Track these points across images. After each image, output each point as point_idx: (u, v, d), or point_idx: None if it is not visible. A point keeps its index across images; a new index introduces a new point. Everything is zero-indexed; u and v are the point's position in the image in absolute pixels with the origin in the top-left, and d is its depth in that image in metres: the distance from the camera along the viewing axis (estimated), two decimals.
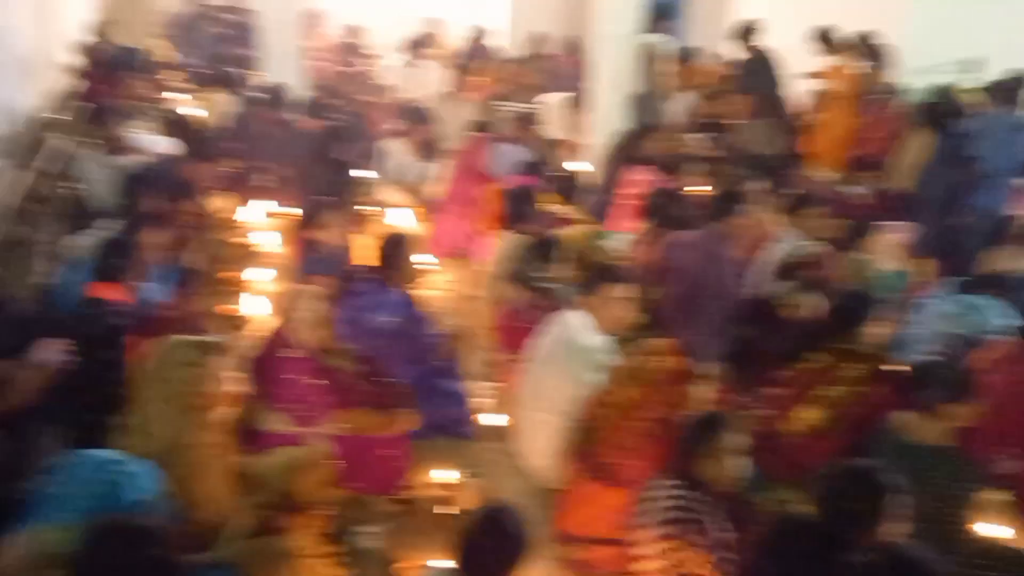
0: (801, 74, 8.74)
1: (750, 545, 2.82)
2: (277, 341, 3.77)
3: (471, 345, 4.78)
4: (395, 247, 4.54)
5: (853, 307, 4.23)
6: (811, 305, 4.72)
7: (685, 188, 6.41)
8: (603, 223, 6.75)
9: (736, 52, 8.25)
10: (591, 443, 3.55)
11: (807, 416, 4.04)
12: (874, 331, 4.16)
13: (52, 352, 3.35)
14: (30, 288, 4.73)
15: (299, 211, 5.69)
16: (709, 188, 7.27)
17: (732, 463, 3.06)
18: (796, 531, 2.70)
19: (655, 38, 7.76)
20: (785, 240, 5.42)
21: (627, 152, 7.03)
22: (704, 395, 3.53)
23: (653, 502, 3.03)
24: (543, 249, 4.64)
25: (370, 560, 3.55)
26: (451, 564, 3.05)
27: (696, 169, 6.72)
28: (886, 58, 8.03)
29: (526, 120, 7.84)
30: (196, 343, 3.20)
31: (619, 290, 3.98)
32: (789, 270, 4.95)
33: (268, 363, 3.74)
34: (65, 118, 7.37)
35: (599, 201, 7.14)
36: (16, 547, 2.54)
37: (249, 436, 3.76)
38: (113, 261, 3.97)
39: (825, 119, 8.36)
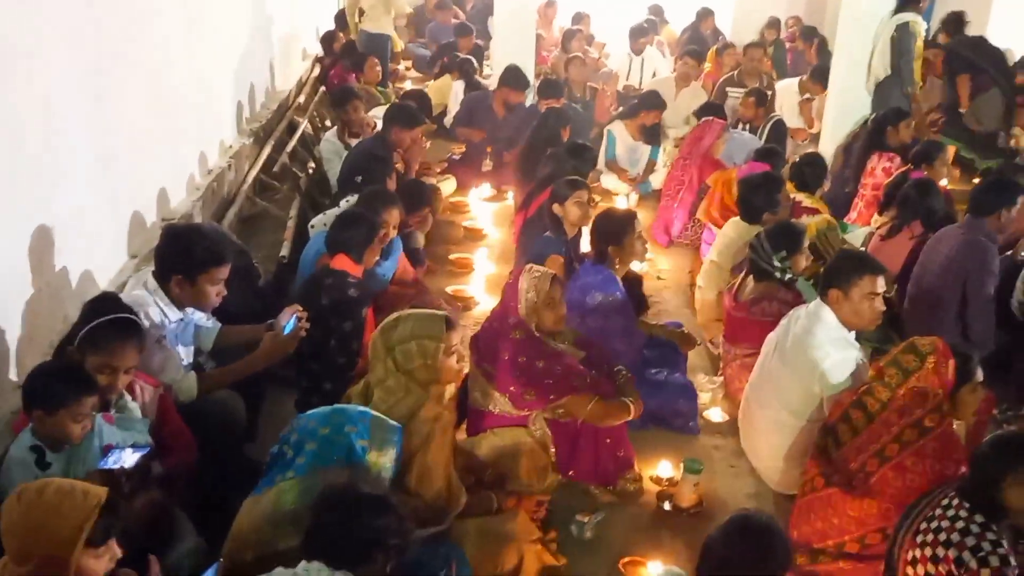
0: None
1: None
2: (503, 321, 3.71)
3: (689, 347, 4.56)
4: (613, 227, 4.38)
5: None
6: None
7: (939, 180, 5.87)
8: (842, 214, 6.32)
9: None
10: (838, 447, 3.25)
11: None
12: None
13: (292, 320, 3.46)
14: (271, 260, 4.97)
15: (527, 192, 5.66)
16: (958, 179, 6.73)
17: None
18: None
19: (910, 17, 7.11)
20: None
21: (873, 140, 6.52)
22: (972, 403, 3.14)
23: (939, 523, 2.68)
24: (783, 237, 4.31)
25: (586, 550, 3.43)
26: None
27: (947, 160, 6.13)
28: None
29: (759, 105, 7.47)
30: (435, 316, 3.21)
31: (867, 284, 3.63)
32: None
33: (493, 343, 3.69)
34: (310, 101, 7.79)
35: (838, 191, 6.69)
36: (254, 505, 2.63)
37: (471, 416, 3.77)
38: (351, 235, 4.07)
39: None
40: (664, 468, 3.82)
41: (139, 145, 4.20)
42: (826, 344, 3.58)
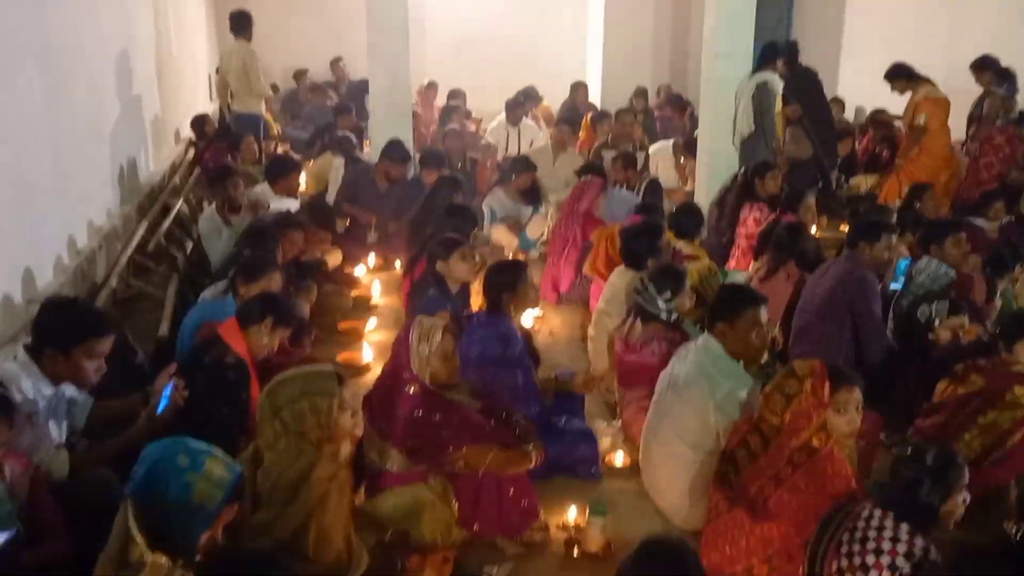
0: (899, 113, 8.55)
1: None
2: (396, 376, 3.63)
3: (592, 385, 4.56)
4: (506, 276, 4.38)
5: (1014, 326, 3.89)
6: (956, 328, 4.44)
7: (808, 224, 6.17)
8: (721, 263, 6.53)
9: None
10: (738, 473, 3.28)
11: (968, 443, 3.70)
12: None
13: (167, 392, 3.31)
14: (149, 341, 4.76)
15: (411, 257, 5.65)
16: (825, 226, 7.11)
17: (963, 501, 2.77)
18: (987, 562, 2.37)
19: (767, 77, 7.54)
20: (924, 267, 5.09)
21: (744, 192, 6.80)
22: (840, 425, 3.22)
23: (863, 533, 2.75)
24: (666, 279, 4.41)
25: None
26: None
27: (810, 206, 6.45)
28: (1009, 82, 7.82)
29: (627, 167, 7.72)
30: (325, 372, 3.11)
31: (752, 314, 3.73)
32: (933, 295, 4.67)
33: (387, 400, 3.60)
34: (184, 184, 7.63)
35: (715, 243, 6.92)
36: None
37: (369, 477, 3.64)
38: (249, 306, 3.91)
39: (924, 152, 8.02)
40: (570, 514, 3.76)
41: None
42: (716, 375, 3.65)
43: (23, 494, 2.77)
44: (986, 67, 7.96)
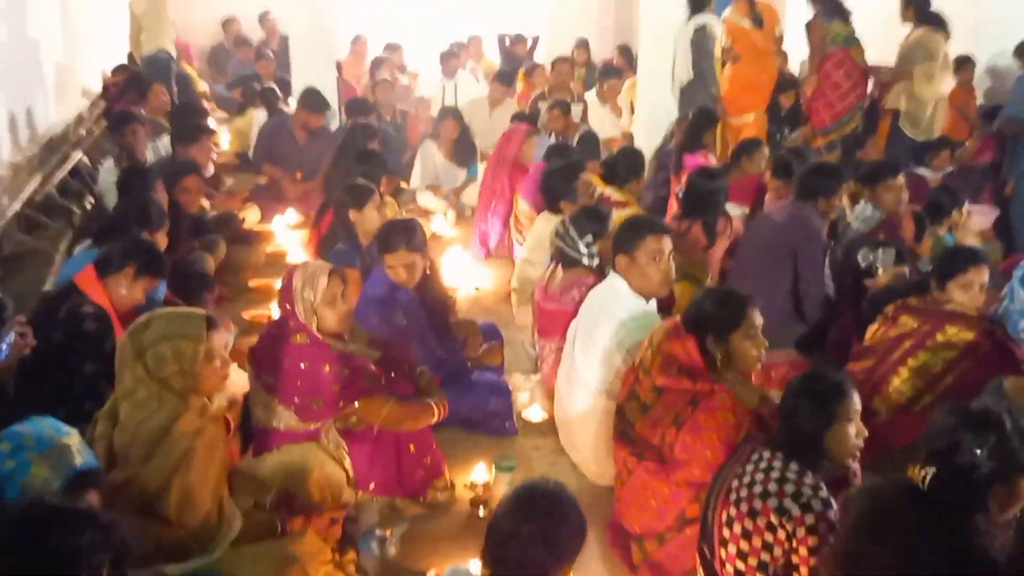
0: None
1: (845, 526, 2.24)
2: (282, 326, 3.31)
3: (516, 339, 4.28)
4: (388, 232, 4.04)
5: (949, 263, 3.62)
6: (893, 272, 4.23)
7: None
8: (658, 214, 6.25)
9: None
10: (631, 426, 3.04)
11: (898, 388, 3.48)
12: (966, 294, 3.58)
13: (9, 338, 2.95)
14: (36, 298, 4.37)
15: (319, 208, 5.32)
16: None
17: (856, 434, 2.51)
18: (904, 501, 2.12)
19: (705, 20, 7.19)
20: (860, 211, 4.86)
21: (688, 140, 6.48)
22: (747, 349, 2.99)
23: (751, 477, 2.48)
24: (588, 221, 4.10)
25: (392, 569, 3.05)
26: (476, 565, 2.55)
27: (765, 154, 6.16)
28: None
29: (565, 115, 7.40)
30: (192, 315, 2.79)
31: (651, 243, 3.48)
32: (869, 238, 4.45)
33: (272, 351, 3.27)
34: (90, 137, 7.18)
35: (654, 196, 6.64)
36: None
37: (256, 437, 3.32)
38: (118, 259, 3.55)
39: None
40: (478, 472, 3.48)
41: None
42: (621, 315, 3.40)
43: None
44: None
